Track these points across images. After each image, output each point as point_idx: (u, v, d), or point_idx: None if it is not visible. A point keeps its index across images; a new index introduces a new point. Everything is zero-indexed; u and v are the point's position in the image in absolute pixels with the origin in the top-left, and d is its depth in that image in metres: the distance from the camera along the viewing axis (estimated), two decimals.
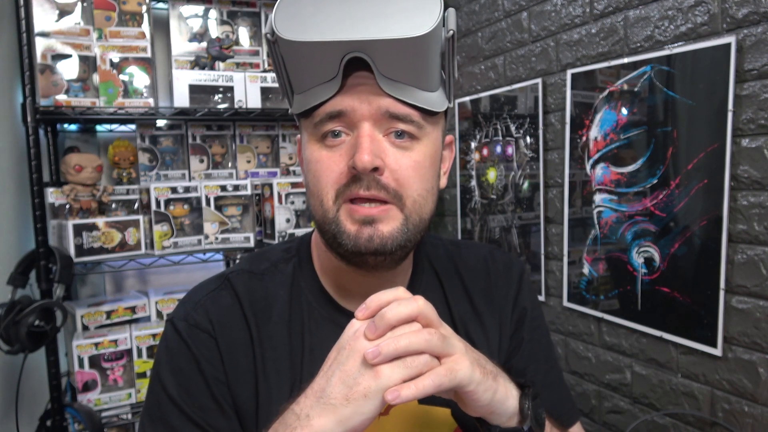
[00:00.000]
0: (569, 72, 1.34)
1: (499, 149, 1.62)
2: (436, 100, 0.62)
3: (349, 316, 0.66)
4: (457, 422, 0.69)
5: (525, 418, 0.59)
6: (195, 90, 1.74)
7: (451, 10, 0.60)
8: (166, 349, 0.66)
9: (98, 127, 1.86)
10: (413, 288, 0.72)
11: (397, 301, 0.54)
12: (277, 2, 0.61)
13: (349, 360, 0.53)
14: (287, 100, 0.67)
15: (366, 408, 0.51)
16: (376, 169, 0.59)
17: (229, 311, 0.67)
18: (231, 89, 1.78)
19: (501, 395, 0.57)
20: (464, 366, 0.53)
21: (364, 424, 0.52)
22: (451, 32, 0.60)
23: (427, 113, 0.61)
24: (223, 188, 1.74)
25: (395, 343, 0.52)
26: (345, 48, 0.56)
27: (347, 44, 0.56)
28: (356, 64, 0.57)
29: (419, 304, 0.54)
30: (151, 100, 1.67)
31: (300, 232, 1.75)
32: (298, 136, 0.70)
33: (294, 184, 1.75)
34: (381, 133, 0.60)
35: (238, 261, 0.77)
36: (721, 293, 1.03)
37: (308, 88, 0.61)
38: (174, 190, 1.67)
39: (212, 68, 1.78)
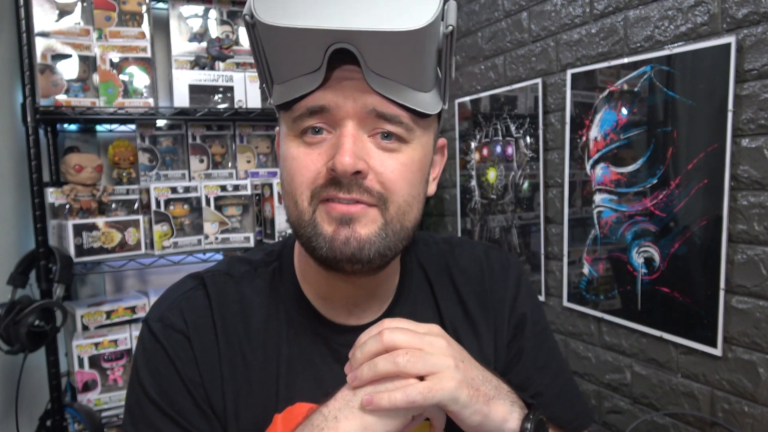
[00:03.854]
0: (569, 72, 1.34)
1: (499, 149, 1.62)
2: (429, 101, 0.57)
3: (330, 326, 0.65)
4: None
5: None
6: (195, 90, 1.74)
7: (452, 3, 0.54)
8: (143, 351, 0.64)
9: (98, 127, 1.87)
10: (401, 294, 0.69)
11: (361, 343, 0.56)
12: None
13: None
14: (266, 89, 0.61)
15: (390, 419, 0.52)
16: (358, 173, 0.54)
17: (203, 313, 0.64)
18: (231, 89, 1.78)
19: (495, 419, 0.56)
20: (448, 385, 0.52)
21: None
22: (451, 27, 0.53)
23: (419, 115, 0.56)
24: (223, 188, 1.74)
25: (368, 371, 0.53)
26: (330, 37, 0.50)
27: (333, 33, 0.50)
28: (342, 56, 0.52)
29: (384, 337, 0.54)
30: (151, 100, 1.67)
31: None
32: (277, 129, 0.65)
33: None
34: (366, 134, 0.55)
35: (218, 262, 0.74)
36: (721, 293, 1.03)
37: (288, 79, 0.55)
38: (174, 190, 1.67)
39: (212, 68, 1.78)
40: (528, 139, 1.50)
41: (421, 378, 0.53)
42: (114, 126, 1.88)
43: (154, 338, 0.63)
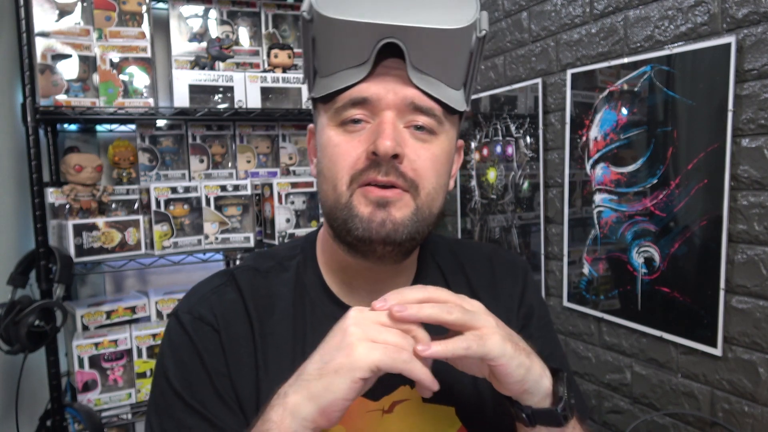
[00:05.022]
0: (569, 72, 1.34)
1: (499, 149, 1.62)
2: (458, 98, 0.62)
3: None
4: (462, 421, 0.68)
5: (559, 400, 0.58)
6: (195, 90, 1.74)
7: (485, 12, 0.60)
8: (170, 342, 0.66)
9: (98, 127, 1.86)
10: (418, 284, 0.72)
11: (405, 289, 0.56)
12: None
13: (334, 338, 0.53)
14: (308, 84, 0.66)
15: (336, 385, 0.50)
16: (396, 157, 0.58)
17: (233, 306, 0.66)
18: (231, 89, 1.78)
19: (535, 373, 0.57)
20: (495, 338, 0.54)
21: (336, 404, 0.50)
22: (484, 32, 0.60)
23: (449, 111, 0.61)
24: (223, 188, 1.74)
25: (419, 310, 0.53)
26: (382, 32, 0.56)
27: (385, 28, 0.56)
28: (388, 51, 0.57)
29: (428, 288, 0.55)
30: (151, 100, 1.67)
31: (300, 232, 1.75)
32: (310, 125, 0.69)
33: (294, 184, 1.75)
34: (402, 124, 0.60)
35: (243, 259, 0.76)
36: (721, 293, 1.03)
37: (335, 71, 0.60)
38: (174, 190, 1.67)
39: (212, 68, 1.78)
40: (528, 139, 1.50)
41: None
42: (114, 126, 1.87)
43: (182, 329, 0.65)
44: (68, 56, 1.58)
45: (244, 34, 1.91)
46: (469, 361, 0.58)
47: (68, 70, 1.59)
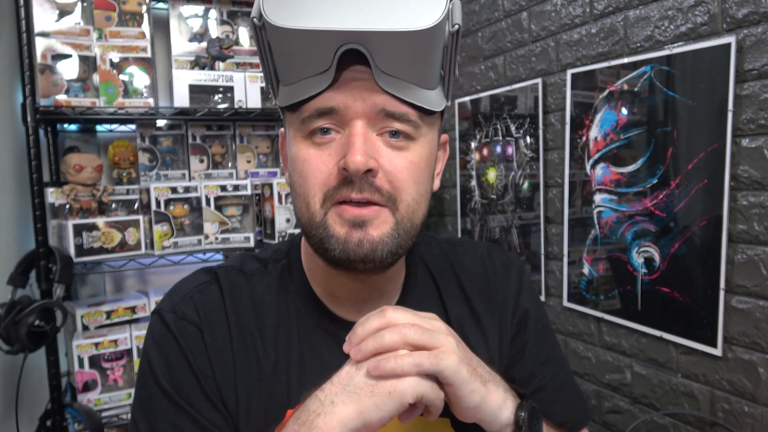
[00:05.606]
0: (569, 72, 1.34)
1: (499, 149, 1.62)
2: (434, 98, 0.58)
3: (339, 323, 0.66)
4: None
5: (519, 429, 0.57)
6: (195, 90, 1.74)
7: (457, 2, 0.55)
8: (154, 342, 0.63)
9: (98, 127, 1.87)
10: (407, 291, 0.70)
11: (364, 321, 0.56)
12: None
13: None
14: (271, 90, 0.61)
15: (386, 405, 0.51)
16: (369, 171, 0.54)
17: (216, 307, 0.64)
18: (231, 89, 1.78)
19: (492, 404, 0.56)
20: (452, 358, 0.53)
21: (382, 421, 0.51)
22: (457, 26, 0.55)
23: (425, 112, 0.57)
24: (223, 188, 1.74)
25: (372, 342, 0.53)
26: (341, 38, 0.51)
27: (344, 34, 0.51)
28: (351, 56, 0.52)
29: (387, 314, 0.55)
30: (151, 100, 1.67)
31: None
32: (281, 129, 0.65)
33: None
34: (374, 132, 0.56)
35: (230, 258, 0.74)
36: (721, 293, 1.03)
37: (296, 80, 0.55)
38: (174, 190, 1.67)
39: (212, 68, 1.78)
40: (528, 139, 1.50)
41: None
42: (114, 126, 1.87)
43: (166, 329, 0.63)
44: (68, 56, 1.59)
45: (244, 34, 1.91)
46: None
47: (68, 70, 1.59)
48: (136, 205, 1.78)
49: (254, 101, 1.79)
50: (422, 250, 0.75)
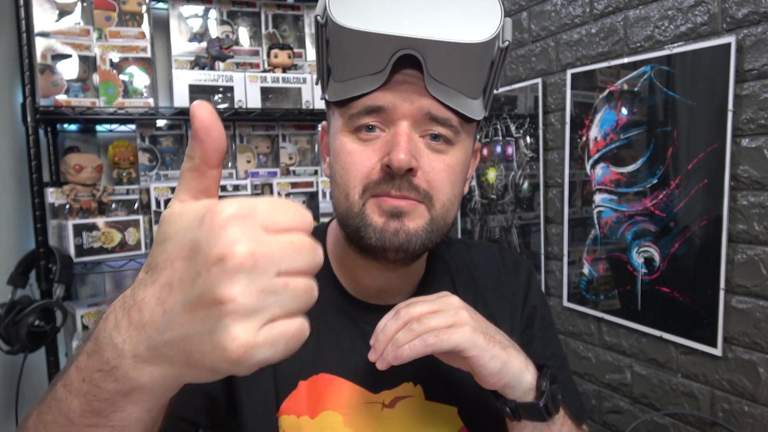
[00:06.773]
0: (569, 72, 1.34)
1: (499, 149, 1.62)
2: (476, 107, 0.61)
3: (359, 305, 0.69)
4: (464, 422, 0.69)
5: (541, 395, 0.58)
6: (195, 90, 1.74)
7: (508, 20, 0.58)
8: None
9: (98, 127, 1.86)
10: (426, 284, 0.73)
11: (381, 328, 0.58)
12: None
13: None
14: (321, 84, 0.64)
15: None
16: (410, 170, 0.57)
17: None
18: (231, 89, 1.78)
19: (514, 367, 0.57)
20: (463, 330, 0.54)
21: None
22: (507, 43, 0.58)
23: (466, 120, 0.60)
24: (223, 188, 1.74)
25: (391, 348, 0.55)
26: (399, 43, 0.54)
27: (403, 40, 0.54)
28: (405, 60, 0.55)
29: (401, 315, 0.56)
30: (151, 100, 1.67)
31: None
32: (323, 123, 0.68)
33: (294, 184, 1.75)
34: (417, 134, 0.59)
35: None
36: (721, 293, 1.03)
37: (350, 78, 0.59)
38: (174, 190, 1.67)
39: (212, 68, 1.78)
40: (528, 139, 1.50)
41: None
42: (114, 126, 1.87)
43: None
44: (68, 56, 1.58)
45: (244, 34, 1.91)
46: (451, 355, 0.58)
47: (68, 70, 1.59)
48: (136, 205, 1.78)
49: (254, 101, 1.79)
50: (441, 248, 0.78)
